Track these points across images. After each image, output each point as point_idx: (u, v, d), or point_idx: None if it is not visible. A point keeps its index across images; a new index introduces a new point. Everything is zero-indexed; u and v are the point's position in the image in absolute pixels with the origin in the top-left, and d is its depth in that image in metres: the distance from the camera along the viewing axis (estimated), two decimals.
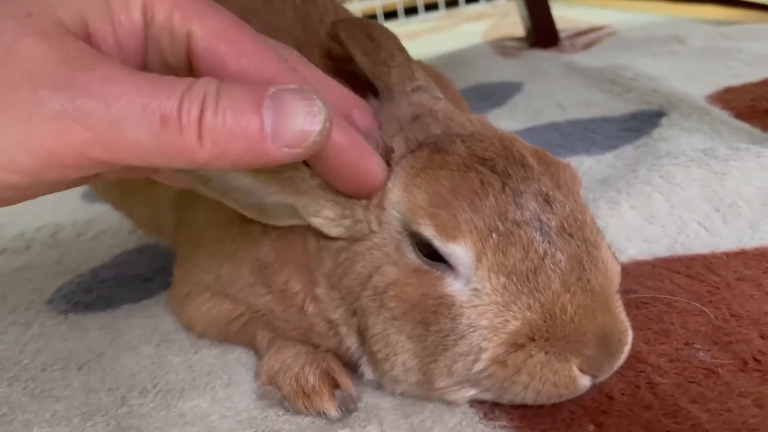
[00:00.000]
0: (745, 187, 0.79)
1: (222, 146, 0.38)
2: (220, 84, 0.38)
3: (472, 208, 0.47)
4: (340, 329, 0.57)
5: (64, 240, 1.13)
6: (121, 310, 0.83)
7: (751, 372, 0.52)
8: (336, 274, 0.54)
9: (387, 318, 0.51)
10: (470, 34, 2.48)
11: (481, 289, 0.48)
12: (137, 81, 0.37)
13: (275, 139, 0.38)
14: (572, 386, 0.48)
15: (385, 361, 0.53)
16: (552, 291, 0.47)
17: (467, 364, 0.49)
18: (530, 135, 1.20)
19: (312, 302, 0.57)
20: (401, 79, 0.59)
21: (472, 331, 0.48)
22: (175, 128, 0.37)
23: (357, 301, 0.53)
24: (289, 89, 0.40)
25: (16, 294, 0.93)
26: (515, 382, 0.48)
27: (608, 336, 0.48)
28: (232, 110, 0.38)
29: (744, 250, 0.69)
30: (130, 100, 0.37)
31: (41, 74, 0.36)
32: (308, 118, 0.39)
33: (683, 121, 1.05)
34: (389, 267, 0.51)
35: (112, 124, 0.37)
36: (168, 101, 0.37)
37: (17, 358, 0.75)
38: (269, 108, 0.38)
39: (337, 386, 0.57)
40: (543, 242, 0.48)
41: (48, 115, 0.36)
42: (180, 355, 0.70)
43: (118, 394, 0.65)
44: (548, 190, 0.50)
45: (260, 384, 0.60)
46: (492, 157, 0.50)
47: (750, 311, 0.59)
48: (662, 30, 1.81)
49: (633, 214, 0.79)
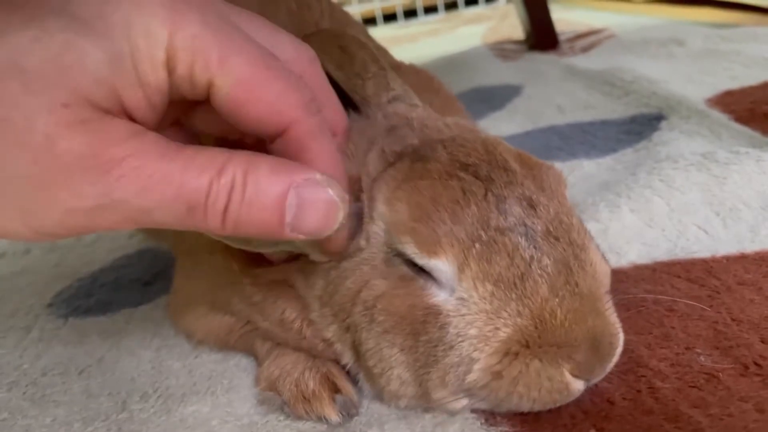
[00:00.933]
0: (746, 191, 0.79)
1: (242, 230, 0.41)
2: (248, 167, 0.40)
3: (453, 219, 0.47)
4: (335, 347, 0.56)
5: (63, 244, 1.13)
6: (121, 314, 0.83)
7: (752, 377, 0.52)
8: (327, 293, 0.54)
9: (378, 332, 0.51)
10: (469, 37, 2.48)
11: (467, 298, 0.48)
12: (169, 167, 0.38)
13: (294, 229, 0.41)
14: (566, 391, 0.48)
15: (381, 376, 0.52)
16: (540, 296, 0.47)
17: (459, 374, 0.48)
18: (530, 138, 1.20)
19: (309, 327, 0.57)
20: (377, 90, 0.59)
21: (461, 341, 0.48)
22: (200, 214, 0.39)
23: (349, 317, 0.53)
24: (313, 181, 0.41)
25: (16, 298, 0.93)
26: (511, 393, 0.48)
27: (599, 339, 0.48)
28: (257, 205, 0.40)
29: (744, 254, 0.69)
30: (161, 192, 0.38)
31: (78, 170, 0.37)
32: (326, 216, 0.42)
33: (683, 125, 1.05)
34: (377, 280, 0.51)
35: (142, 211, 0.39)
36: (196, 191, 0.39)
37: (17, 362, 0.75)
38: (292, 203, 0.40)
39: (337, 391, 0.57)
40: (529, 247, 0.47)
41: (85, 208, 0.38)
42: (180, 359, 0.70)
43: (118, 399, 0.65)
44: (532, 194, 0.49)
45: (260, 390, 0.60)
46: (475, 162, 0.50)
47: (750, 316, 0.59)
48: (661, 33, 1.81)
49: (633, 218, 0.79)
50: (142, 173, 0.38)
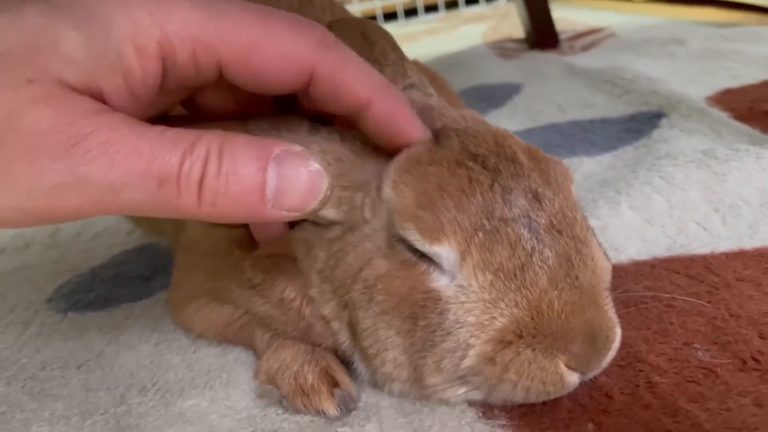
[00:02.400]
0: (745, 188, 0.79)
1: (221, 209, 0.38)
2: (223, 142, 0.38)
3: (458, 206, 0.47)
4: (333, 324, 0.57)
5: (63, 239, 1.13)
6: (120, 309, 0.83)
7: (750, 372, 0.52)
8: (328, 266, 0.54)
9: (376, 312, 0.51)
10: (470, 36, 2.48)
11: (467, 286, 0.48)
12: (138, 141, 0.37)
13: (275, 205, 0.39)
14: (560, 383, 0.48)
15: (376, 357, 0.53)
16: (539, 288, 0.47)
17: (455, 360, 0.49)
18: (530, 136, 1.20)
19: (308, 305, 0.57)
20: (394, 77, 0.59)
21: (459, 328, 0.48)
22: (173, 189, 0.37)
23: (347, 294, 0.53)
24: (293, 152, 0.39)
25: (15, 293, 0.93)
26: (503, 380, 0.48)
27: (595, 332, 0.48)
28: (235, 176, 0.38)
29: (743, 251, 0.69)
30: (129, 166, 0.36)
31: (42, 146, 0.36)
32: (309, 188, 0.40)
33: (683, 123, 1.05)
34: (379, 260, 0.51)
35: (109, 190, 0.37)
36: (168, 163, 0.37)
37: (16, 357, 0.75)
38: (272, 174, 0.38)
39: (336, 385, 0.57)
40: (531, 239, 0.47)
41: (47, 187, 0.36)
42: (179, 354, 0.70)
43: (117, 393, 0.65)
44: (538, 187, 0.50)
45: (259, 383, 0.60)
46: (484, 153, 0.50)
47: (749, 311, 0.59)
48: (661, 32, 1.82)
49: (632, 215, 0.79)
50: (110, 148, 0.36)
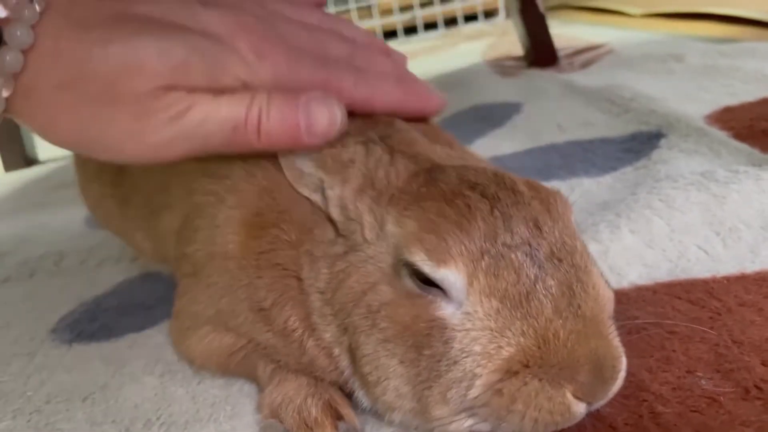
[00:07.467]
0: (745, 211, 0.79)
1: (273, 140, 0.56)
2: (269, 98, 0.55)
3: (462, 230, 0.48)
4: (333, 350, 0.56)
5: (67, 267, 1.14)
6: (124, 339, 0.84)
7: (753, 400, 0.52)
8: (330, 288, 0.54)
9: (378, 339, 0.51)
10: (469, 54, 2.50)
11: (473, 313, 0.48)
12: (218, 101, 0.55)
13: (308, 135, 0.55)
14: (567, 413, 0.48)
15: (377, 385, 0.53)
16: (545, 316, 0.47)
17: (461, 390, 0.48)
18: (530, 157, 1.21)
19: (310, 337, 0.58)
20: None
21: (465, 357, 0.48)
22: (242, 132, 0.55)
23: (348, 317, 0.53)
24: (314, 98, 0.56)
25: (20, 323, 0.94)
26: (511, 411, 0.48)
27: (601, 361, 0.48)
28: (279, 118, 0.55)
29: (745, 275, 0.69)
30: (215, 122, 0.54)
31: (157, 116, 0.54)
32: (330, 120, 0.56)
33: (682, 143, 1.06)
34: (384, 286, 0.51)
35: (203, 138, 0.55)
36: (239, 114, 0.55)
37: (21, 389, 0.76)
38: (303, 114, 0.55)
39: (339, 418, 0.57)
40: (533, 267, 0.48)
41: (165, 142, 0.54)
42: (183, 385, 0.70)
43: (122, 427, 0.65)
44: (538, 215, 0.50)
45: (262, 417, 0.60)
46: (483, 182, 0.51)
47: (751, 338, 0.59)
48: (660, 48, 1.83)
49: (633, 239, 0.79)
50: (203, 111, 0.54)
